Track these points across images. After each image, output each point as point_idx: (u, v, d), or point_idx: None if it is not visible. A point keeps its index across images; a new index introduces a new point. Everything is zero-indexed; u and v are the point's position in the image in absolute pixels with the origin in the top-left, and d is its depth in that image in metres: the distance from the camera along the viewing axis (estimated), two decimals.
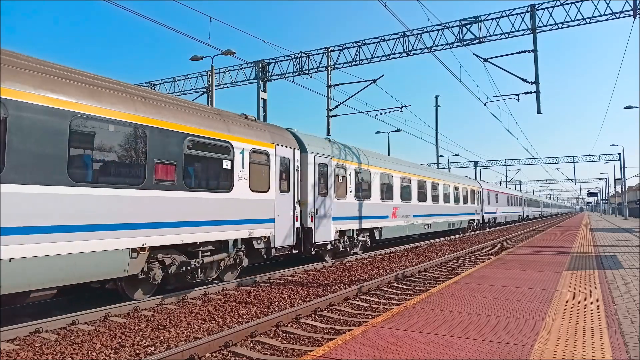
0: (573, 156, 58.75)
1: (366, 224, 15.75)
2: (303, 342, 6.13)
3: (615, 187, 62.90)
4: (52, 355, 5.55)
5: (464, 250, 17.68)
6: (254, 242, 10.36)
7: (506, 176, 71.41)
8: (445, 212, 24.78)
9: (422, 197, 21.33)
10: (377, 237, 16.66)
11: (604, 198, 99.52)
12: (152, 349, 5.84)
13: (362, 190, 15.75)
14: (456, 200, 27.00)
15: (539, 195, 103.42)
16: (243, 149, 10.01)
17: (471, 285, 7.87)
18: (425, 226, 21.66)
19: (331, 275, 11.84)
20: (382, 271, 12.63)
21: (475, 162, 65.24)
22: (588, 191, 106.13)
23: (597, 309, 5.97)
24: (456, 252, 17.71)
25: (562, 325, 5.16)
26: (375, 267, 13.53)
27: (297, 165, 12.11)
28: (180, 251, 8.69)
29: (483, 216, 33.62)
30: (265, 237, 10.71)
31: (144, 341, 6.10)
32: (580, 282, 8.10)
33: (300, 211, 12.22)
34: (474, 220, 31.25)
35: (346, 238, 14.60)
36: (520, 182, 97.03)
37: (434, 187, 23.28)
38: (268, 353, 5.72)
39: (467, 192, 29.43)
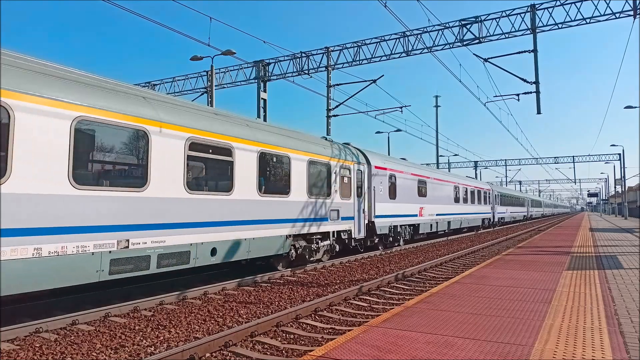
0: (573, 156, 58.93)
1: None
2: (303, 342, 6.13)
3: (615, 187, 62.92)
4: (52, 355, 5.54)
5: (464, 250, 17.68)
6: None
7: (506, 176, 71.51)
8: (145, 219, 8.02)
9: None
10: None
11: (604, 198, 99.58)
12: (152, 349, 5.84)
13: None
14: (223, 189, 9.74)
15: (539, 195, 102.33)
16: None
17: (471, 285, 7.87)
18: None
19: (331, 276, 11.84)
20: (382, 271, 12.63)
21: (475, 162, 65.32)
22: (588, 191, 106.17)
23: (597, 309, 5.97)
24: (456, 252, 17.71)
25: (562, 325, 5.16)
26: (375, 267, 13.53)
27: None
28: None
29: (369, 224, 15.99)
30: None
31: (144, 341, 6.10)
32: (580, 282, 8.10)
33: None
34: (319, 235, 13.03)
35: None
36: (520, 182, 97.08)
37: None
38: (268, 353, 5.72)
39: (289, 170, 11.67)
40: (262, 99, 23.60)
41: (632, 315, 5.66)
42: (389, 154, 30.70)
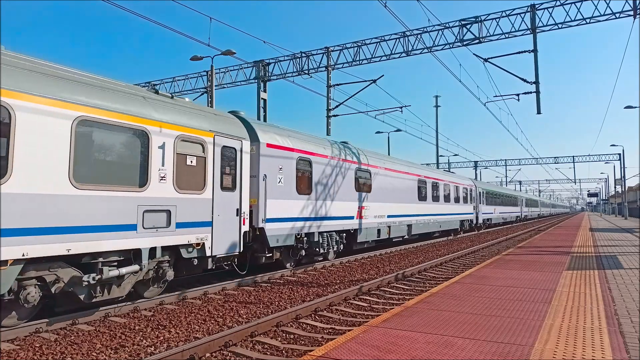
0: (573, 156, 58.95)
1: None
2: (303, 342, 6.13)
3: (615, 187, 62.90)
4: (52, 355, 5.55)
5: (464, 250, 17.68)
6: None
7: (506, 176, 71.48)
8: None
9: None
10: None
11: (604, 198, 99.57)
12: (152, 349, 5.84)
13: None
14: None
15: (539, 195, 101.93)
16: None
17: (471, 285, 7.87)
18: None
19: (331, 276, 11.84)
20: (382, 271, 12.64)
21: (475, 162, 65.32)
22: (588, 191, 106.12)
23: (597, 309, 5.97)
24: (456, 252, 17.72)
25: (562, 325, 5.16)
26: (375, 267, 13.53)
27: None
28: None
29: (254, 232, 10.84)
30: None
31: (144, 341, 6.11)
32: (580, 282, 8.09)
33: None
34: (117, 255, 7.38)
35: None
36: (520, 182, 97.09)
37: None
38: (268, 353, 5.72)
39: (7, 132, 5.94)
40: (262, 99, 23.60)
41: (632, 315, 5.66)
42: (389, 154, 29.94)
